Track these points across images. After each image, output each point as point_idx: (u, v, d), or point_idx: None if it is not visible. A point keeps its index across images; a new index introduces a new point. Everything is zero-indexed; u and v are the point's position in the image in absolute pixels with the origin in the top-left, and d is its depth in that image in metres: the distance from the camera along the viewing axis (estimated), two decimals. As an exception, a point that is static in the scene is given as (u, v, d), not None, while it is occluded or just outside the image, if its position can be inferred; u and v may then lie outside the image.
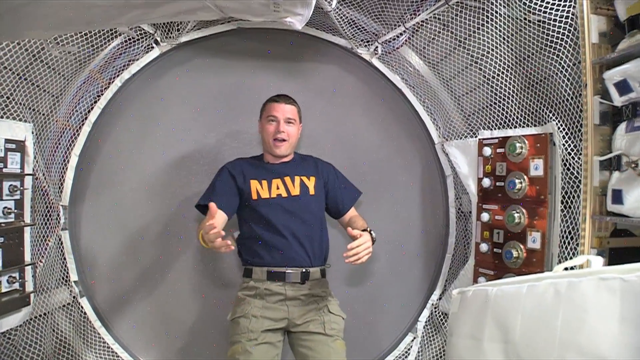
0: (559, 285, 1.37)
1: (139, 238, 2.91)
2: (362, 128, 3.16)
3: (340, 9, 2.67)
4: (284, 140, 2.43)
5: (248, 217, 2.43)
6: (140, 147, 2.92)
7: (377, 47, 2.98)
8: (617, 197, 2.06)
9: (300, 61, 3.09)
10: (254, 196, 2.41)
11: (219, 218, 2.25)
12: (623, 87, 2.03)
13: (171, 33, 2.78)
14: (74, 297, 2.74)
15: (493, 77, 2.63)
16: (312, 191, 2.48)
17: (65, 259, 2.74)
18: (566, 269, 1.57)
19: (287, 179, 2.46)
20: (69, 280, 2.74)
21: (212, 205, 1.94)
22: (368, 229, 2.30)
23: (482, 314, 1.67)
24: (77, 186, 2.81)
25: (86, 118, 2.80)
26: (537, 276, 1.53)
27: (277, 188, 2.43)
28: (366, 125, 3.16)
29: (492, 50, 2.58)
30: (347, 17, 2.74)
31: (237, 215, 2.49)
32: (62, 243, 2.73)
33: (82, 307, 2.77)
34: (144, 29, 2.71)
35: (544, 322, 1.36)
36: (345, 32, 2.85)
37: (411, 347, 3.08)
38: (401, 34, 2.87)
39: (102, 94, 2.82)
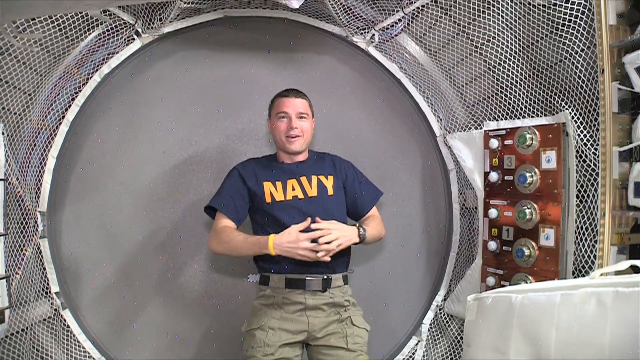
0: (602, 295, 1.21)
1: (125, 244, 2.72)
2: (359, 121, 2.99)
3: (335, -6, 2.50)
4: (297, 136, 2.26)
5: (262, 221, 2.25)
6: (123, 147, 2.71)
7: (373, 34, 2.81)
8: (640, 190, 1.92)
9: (292, 51, 2.90)
10: (268, 199, 2.24)
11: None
12: (646, 71, 1.89)
13: (153, 23, 2.58)
14: (55, 309, 2.54)
15: (497, 65, 2.48)
16: (330, 191, 2.31)
17: (45, 269, 2.53)
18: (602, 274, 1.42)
19: (304, 179, 2.29)
20: (50, 291, 2.53)
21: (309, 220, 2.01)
22: (357, 225, 2.19)
23: (506, 324, 1.51)
24: (56, 190, 2.60)
25: (63, 117, 2.58)
26: (571, 283, 1.37)
27: (293, 189, 2.26)
28: (363, 118, 2.99)
29: (496, 36, 2.44)
30: (341, 2, 2.56)
31: (251, 218, 2.33)
32: (40, 252, 2.52)
33: (64, 319, 2.56)
34: (123, 19, 2.50)
35: (587, 338, 1.20)
36: (340, 19, 2.68)
37: (415, 351, 2.93)
38: (399, 21, 2.71)
39: (80, 91, 2.60)
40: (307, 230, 2.04)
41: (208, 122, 2.82)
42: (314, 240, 2.01)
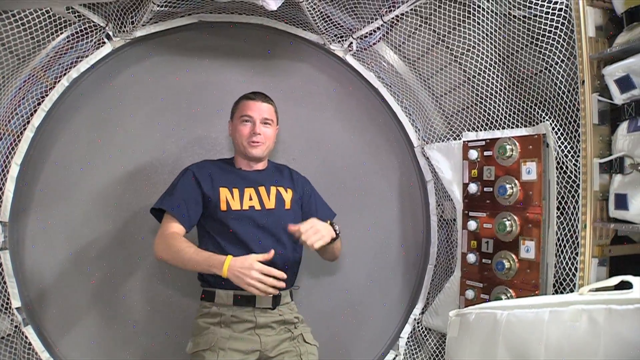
0: (594, 312, 1.17)
1: (93, 256, 2.58)
2: (335, 131, 2.93)
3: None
4: (260, 142, 2.15)
5: (213, 230, 2.11)
6: (92, 155, 2.59)
7: (351, 42, 2.76)
8: (621, 201, 1.92)
9: (268, 58, 2.83)
10: (223, 207, 2.10)
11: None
12: (625, 83, 1.89)
13: (125, 26, 2.48)
14: (16, 326, 2.40)
15: (477, 75, 2.46)
16: (288, 205, 2.21)
17: (5, 282, 2.39)
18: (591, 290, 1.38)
19: (262, 189, 2.18)
20: (10, 307, 2.38)
21: (272, 253, 1.88)
22: (329, 221, 2.11)
23: (491, 342, 1.46)
24: (20, 199, 2.47)
25: (28, 122, 2.45)
26: (560, 299, 1.33)
27: (250, 199, 2.14)
28: (339, 128, 2.93)
29: (475, 46, 2.43)
30: (319, 9, 2.51)
31: (198, 225, 2.17)
32: (1, 265, 2.37)
33: (26, 337, 2.41)
34: (93, 21, 2.40)
35: (578, 357, 1.16)
36: (318, 26, 2.62)
37: (393, 365, 2.88)
38: (378, 29, 2.67)
39: (46, 95, 2.48)
40: (270, 245, 2.00)
41: (180, 130, 2.72)
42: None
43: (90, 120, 2.60)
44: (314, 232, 1.93)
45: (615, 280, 1.30)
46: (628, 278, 1.26)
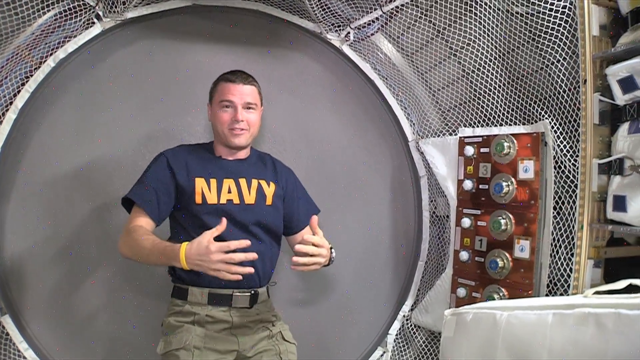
0: (602, 317, 1.13)
1: (75, 244, 2.50)
2: (329, 123, 2.88)
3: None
4: (243, 129, 1.97)
5: (187, 224, 1.94)
6: (77, 140, 2.49)
7: (348, 32, 2.70)
8: (620, 203, 1.89)
9: (262, 46, 2.76)
10: (198, 199, 1.92)
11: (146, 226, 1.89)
12: (628, 84, 1.87)
13: (115, 7, 2.39)
14: (-7, 315, 2.32)
15: (476, 70, 2.42)
16: (269, 200, 2.05)
17: (-18, 270, 2.31)
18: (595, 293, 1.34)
19: (242, 182, 2.00)
20: (-13, 296, 2.31)
21: (224, 222, 1.65)
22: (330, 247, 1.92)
23: (489, 343, 1.42)
24: (0, 185, 2.39)
25: (11, 103, 2.35)
26: (563, 301, 1.30)
27: (229, 192, 1.96)
28: (333, 120, 2.89)
29: (474, 41, 2.38)
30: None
31: (171, 218, 2.00)
32: (-22, 252, 2.30)
33: (3, 327, 2.32)
34: (83, 0, 2.31)
35: (585, 362, 1.13)
36: (315, 14, 2.56)
37: (380, 362, 2.85)
38: (376, 19, 2.62)
39: (31, 76, 2.38)
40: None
41: (170, 117, 2.64)
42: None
43: (76, 103, 2.50)
44: (314, 263, 1.80)
45: (624, 283, 1.26)
46: (637, 282, 1.23)
